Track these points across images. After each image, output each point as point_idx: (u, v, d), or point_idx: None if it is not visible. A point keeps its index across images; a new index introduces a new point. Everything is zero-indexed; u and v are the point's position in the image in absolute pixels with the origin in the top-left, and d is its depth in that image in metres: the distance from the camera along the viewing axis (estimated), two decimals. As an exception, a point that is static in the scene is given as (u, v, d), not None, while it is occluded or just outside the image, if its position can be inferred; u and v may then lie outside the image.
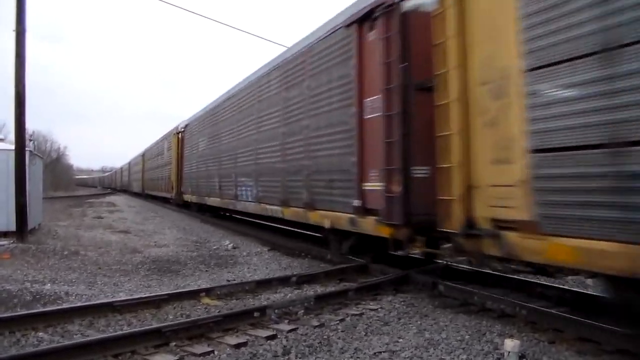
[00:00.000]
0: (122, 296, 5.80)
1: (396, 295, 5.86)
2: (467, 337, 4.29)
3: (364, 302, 5.57)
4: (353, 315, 5.05)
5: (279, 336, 4.37)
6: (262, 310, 4.90)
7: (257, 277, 7.05)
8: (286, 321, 4.82)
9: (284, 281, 6.53)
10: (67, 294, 5.85)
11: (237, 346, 4.08)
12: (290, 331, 4.49)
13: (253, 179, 11.04)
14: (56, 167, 57.89)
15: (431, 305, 5.41)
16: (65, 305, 5.24)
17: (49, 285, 6.37)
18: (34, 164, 12.43)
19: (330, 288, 6.26)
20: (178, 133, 21.16)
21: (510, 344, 3.58)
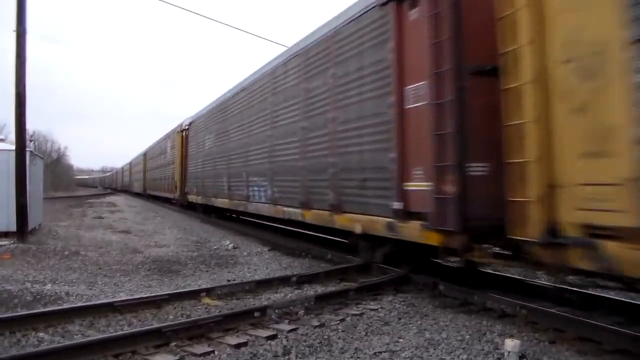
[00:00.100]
0: (123, 296, 5.80)
1: (396, 295, 5.86)
2: (467, 337, 4.30)
3: (364, 302, 5.57)
4: (353, 315, 5.05)
5: (279, 336, 4.37)
6: (263, 310, 4.90)
7: (257, 277, 7.05)
8: (286, 321, 4.82)
9: (284, 281, 6.53)
10: (67, 294, 5.85)
11: (237, 346, 4.08)
12: (290, 331, 4.49)
13: (267, 178, 10.22)
14: (56, 167, 57.92)
15: (431, 305, 5.41)
16: (65, 306, 5.24)
17: (50, 285, 6.38)
18: (35, 164, 12.44)
19: (331, 288, 6.27)
20: (182, 131, 20.28)
21: (511, 344, 3.57)
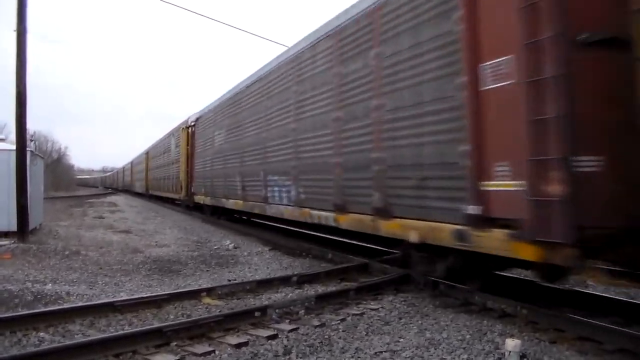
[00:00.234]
0: (123, 296, 5.81)
1: (397, 295, 5.86)
2: (468, 336, 4.29)
3: (364, 302, 5.57)
4: (354, 315, 5.05)
5: (279, 336, 4.37)
6: (263, 310, 4.90)
7: (258, 277, 7.05)
8: (287, 321, 4.82)
9: (285, 281, 6.54)
10: (68, 293, 5.86)
11: (238, 346, 4.08)
12: (291, 331, 4.49)
13: (291, 177, 9.02)
14: (57, 167, 57.95)
15: (432, 305, 5.41)
16: (66, 305, 5.25)
17: (50, 285, 6.38)
18: (35, 164, 12.44)
19: (331, 288, 6.27)
20: (188, 127, 19.06)
21: (511, 344, 3.57)
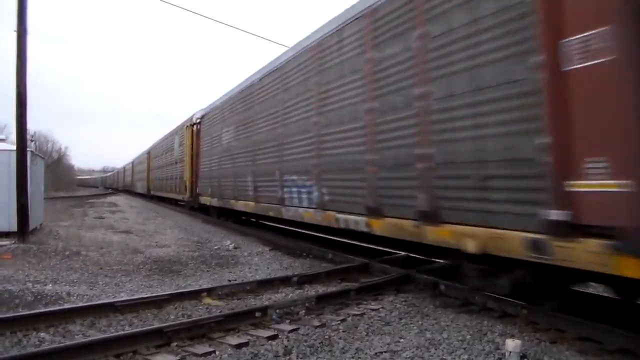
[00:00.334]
0: (124, 296, 5.81)
1: (397, 295, 5.86)
2: (468, 337, 4.29)
3: (365, 302, 5.57)
4: (354, 315, 5.05)
5: (280, 336, 4.37)
6: (264, 310, 4.90)
7: (258, 277, 7.05)
8: (287, 321, 4.82)
9: (285, 281, 6.54)
10: (68, 294, 5.86)
11: (238, 346, 4.08)
12: (291, 331, 4.49)
13: (313, 177, 8.28)
14: (57, 167, 58.00)
15: (432, 305, 5.41)
16: (66, 306, 5.25)
17: (51, 285, 6.38)
18: (36, 165, 12.45)
19: (332, 288, 6.27)
20: (192, 125, 18.16)
21: (512, 344, 3.58)
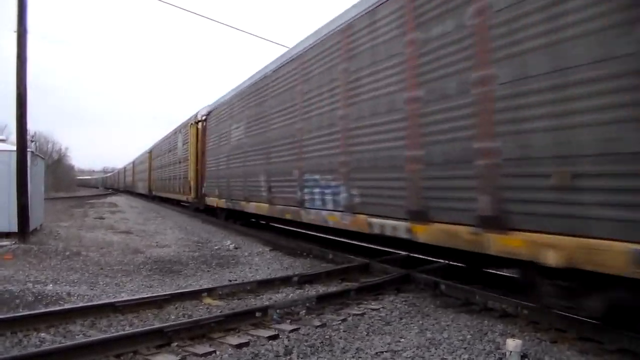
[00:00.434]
0: (124, 296, 5.81)
1: (398, 295, 5.86)
2: (468, 336, 4.29)
3: (365, 302, 5.57)
4: (355, 315, 5.05)
5: (280, 336, 4.37)
6: (264, 310, 4.90)
7: (258, 277, 7.05)
8: (288, 321, 4.82)
9: (285, 281, 6.54)
10: (69, 294, 5.86)
11: (238, 346, 4.08)
12: (292, 331, 4.49)
13: (339, 176, 7.47)
14: (58, 168, 58.03)
15: (433, 305, 5.41)
16: (67, 306, 5.24)
17: (51, 285, 6.38)
18: (36, 165, 12.45)
19: (332, 288, 6.27)
20: (197, 123, 17.33)
21: (512, 344, 3.57)
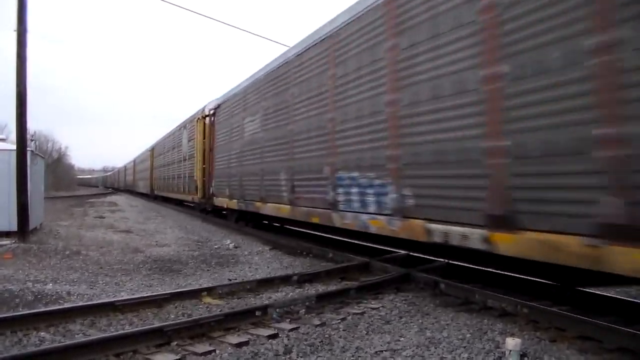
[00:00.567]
0: (124, 296, 5.81)
1: (397, 294, 5.86)
2: (468, 335, 4.29)
3: (365, 301, 5.57)
4: (354, 314, 5.05)
5: (280, 335, 4.37)
6: (264, 309, 4.90)
7: (258, 276, 7.05)
8: (288, 320, 4.82)
9: (285, 280, 6.54)
10: (68, 293, 5.86)
11: (238, 345, 4.08)
12: (291, 330, 4.49)
13: (386, 173, 6.41)
14: (57, 167, 58.06)
15: (432, 304, 5.41)
16: (66, 305, 5.24)
17: (51, 285, 6.39)
18: (36, 164, 12.44)
19: (332, 287, 6.27)
20: (205, 117, 16.37)
21: (512, 343, 3.57)
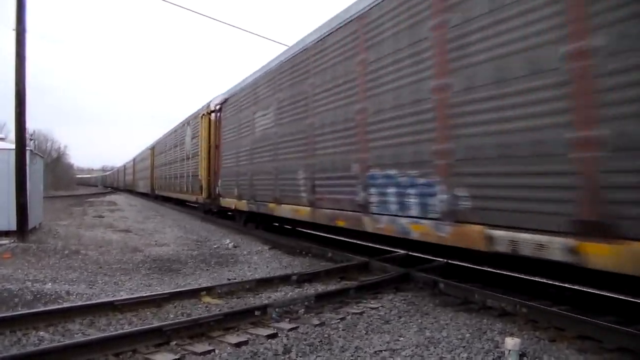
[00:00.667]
0: (123, 295, 5.80)
1: (397, 294, 5.86)
2: (467, 335, 4.30)
3: (364, 301, 5.57)
4: (354, 313, 5.05)
5: (279, 335, 4.37)
6: (263, 308, 4.90)
7: (257, 276, 7.05)
8: (287, 320, 4.82)
9: (284, 280, 6.54)
10: (68, 293, 5.86)
11: (237, 345, 4.08)
12: (291, 330, 4.49)
13: (433, 170, 5.57)
14: (57, 166, 58.07)
15: (432, 304, 5.41)
16: (66, 305, 5.23)
17: (50, 284, 6.38)
18: (35, 164, 12.43)
19: (331, 287, 6.27)
20: (210, 113, 15.47)
21: (511, 342, 3.57)
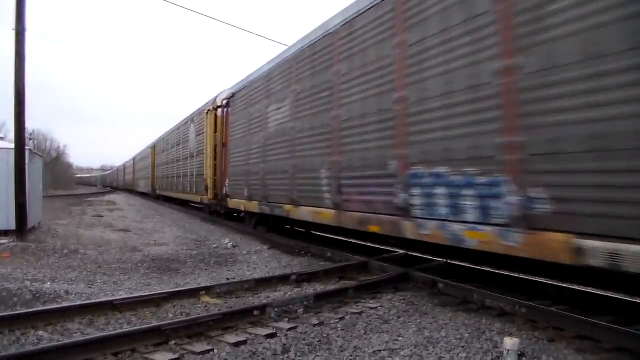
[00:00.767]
0: (122, 295, 5.80)
1: (396, 294, 5.87)
2: (466, 335, 4.30)
3: (363, 301, 5.57)
4: (353, 313, 5.05)
5: (278, 335, 4.37)
6: (262, 308, 4.90)
7: (257, 276, 7.05)
8: (286, 320, 4.82)
9: (283, 279, 6.54)
10: (67, 292, 5.85)
11: (236, 345, 4.08)
12: (290, 330, 4.49)
13: (501, 168, 4.68)
14: (56, 166, 58.08)
15: (431, 304, 5.41)
16: (65, 304, 5.23)
17: (49, 284, 6.38)
18: (34, 163, 12.42)
19: (330, 286, 6.28)
20: (217, 109, 14.62)
21: (510, 342, 3.58)
